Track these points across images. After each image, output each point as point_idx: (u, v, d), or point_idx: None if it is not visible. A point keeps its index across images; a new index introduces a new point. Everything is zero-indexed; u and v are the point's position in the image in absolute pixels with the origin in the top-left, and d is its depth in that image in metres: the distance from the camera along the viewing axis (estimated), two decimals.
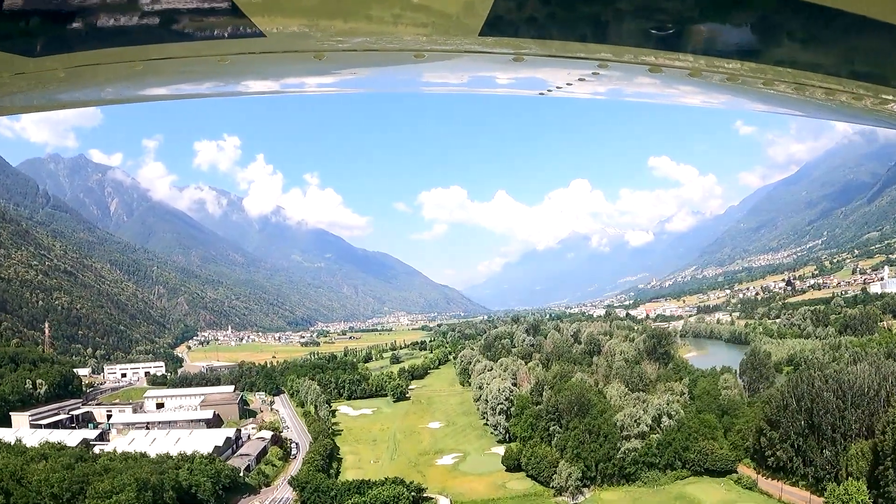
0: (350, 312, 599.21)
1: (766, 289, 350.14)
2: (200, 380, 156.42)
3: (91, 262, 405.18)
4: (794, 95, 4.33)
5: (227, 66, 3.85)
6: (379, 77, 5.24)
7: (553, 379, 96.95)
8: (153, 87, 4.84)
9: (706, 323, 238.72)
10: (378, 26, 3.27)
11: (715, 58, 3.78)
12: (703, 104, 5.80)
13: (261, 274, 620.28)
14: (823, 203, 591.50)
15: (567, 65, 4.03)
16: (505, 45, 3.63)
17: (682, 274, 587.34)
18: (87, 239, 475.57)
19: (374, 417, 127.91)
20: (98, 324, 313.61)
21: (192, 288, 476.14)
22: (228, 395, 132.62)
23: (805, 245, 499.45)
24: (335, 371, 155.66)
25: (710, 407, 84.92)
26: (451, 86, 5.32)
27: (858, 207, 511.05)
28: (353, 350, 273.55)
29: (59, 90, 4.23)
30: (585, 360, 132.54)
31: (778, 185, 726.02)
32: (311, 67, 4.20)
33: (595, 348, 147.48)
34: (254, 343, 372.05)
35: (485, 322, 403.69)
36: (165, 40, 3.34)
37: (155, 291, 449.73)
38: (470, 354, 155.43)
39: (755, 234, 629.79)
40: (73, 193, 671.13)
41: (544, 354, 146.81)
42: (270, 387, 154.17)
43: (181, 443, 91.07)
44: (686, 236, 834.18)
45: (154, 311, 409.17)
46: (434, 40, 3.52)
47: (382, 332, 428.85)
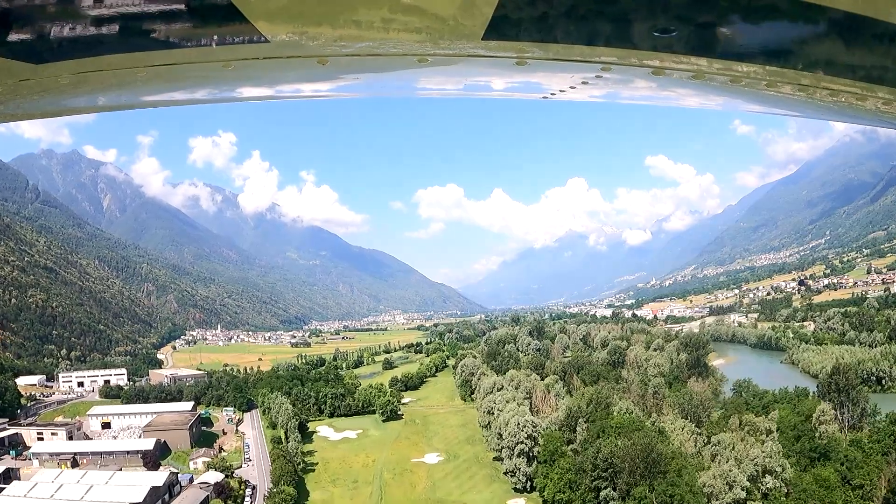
0: (345, 311, 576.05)
1: (777, 288, 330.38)
2: (160, 392, 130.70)
3: (76, 259, 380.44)
4: (797, 96, 4.27)
5: (231, 71, 3.76)
6: (382, 82, 5.14)
7: (588, 408, 72.00)
8: (157, 93, 4.75)
9: (725, 325, 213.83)
10: (381, 31, 3.18)
11: (717, 60, 3.71)
12: (705, 106, 5.65)
13: (254, 271, 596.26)
14: (824, 202, 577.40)
15: (570, 68, 3.94)
16: (508, 49, 3.52)
17: (681, 273, 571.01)
18: (76, 235, 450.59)
19: (359, 443, 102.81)
20: (75, 323, 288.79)
21: (183, 285, 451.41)
22: (184, 414, 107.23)
23: (808, 244, 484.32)
24: (316, 383, 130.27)
25: (811, 453, 60.19)
26: (453, 90, 5.22)
27: (861, 207, 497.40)
28: (343, 353, 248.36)
29: (63, 97, 4.16)
30: (612, 375, 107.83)
31: (777, 185, 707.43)
32: (315, 72, 4.07)
33: (618, 358, 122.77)
34: (242, 343, 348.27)
35: (483, 322, 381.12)
36: (169, 47, 3.25)
37: (144, 289, 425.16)
38: (472, 364, 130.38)
39: (755, 233, 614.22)
40: (65, 189, 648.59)
41: (559, 364, 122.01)
42: (241, 401, 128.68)
43: (94, 493, 66.00)
44: (684, 235, 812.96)
45: (140, 310, 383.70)
46: (437, 44, 3.42)
47: (377, 331, 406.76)
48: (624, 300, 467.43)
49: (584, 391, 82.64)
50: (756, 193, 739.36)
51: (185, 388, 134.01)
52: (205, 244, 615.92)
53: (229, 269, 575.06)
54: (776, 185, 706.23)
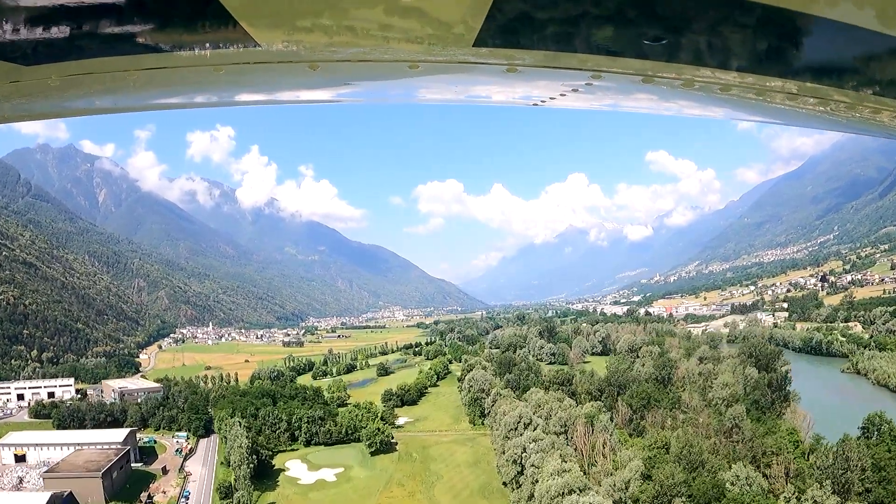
0: (344, 307, 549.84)
1: (796, 285, 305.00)
2: (99, 413, 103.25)
3: (63, 254, 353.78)
4: (788, 106, 4.21)
5: (222, 75, 3.67)
6: (373, 88, 5.08)
7: (681, 475, 44.48)
8: (147, 97, 4.65)
9: (760, 326, 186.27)
10: (372, 37, 3.12)
11: (707, 69, 3.61)
12: (697, 115, 5.61)
13: (251, 267, 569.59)
14: (830, 198, 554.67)
15: (560, 76, 3.86)
16: (498, 56, 3.45)
17: (685, 269, 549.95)
18: (66, 229, 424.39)
19: (337, 489, 75.56)
20: (49, 322, 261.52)
21: (175, 281, 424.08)
22: (107, 452, 79.66)
23: (815, 240, 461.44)
24: (291, 402, 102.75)
25: None
26: (444, 97, 5.18)
27: (870, 202, 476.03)
28: (335, 355, 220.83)
29: (52, 99, 4.06)
30: (666, 397, 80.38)
31: (781, 180, 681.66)
32: (306, 78, 3.99)
33: (667, 373, 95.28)
34: (232, 342, 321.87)
35: (485, 319, 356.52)
36: (160, 50, 3.16)
37: (134, 285, 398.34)
38: (482, 378, 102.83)
39: (759, 229, 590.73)
40: (60, 184, 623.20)
41: (589, 378, 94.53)
42: (199, 424, 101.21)
43: None
44: (685, 231, 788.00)
45: (128, 306, 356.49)
46: (428, 51, 3.33)
47: (375, 329, 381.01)
48: (628, 296, 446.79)
49: (657, 436, 55.61)
50: (759, 189, 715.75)
51: (133, 408, 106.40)
52: (201, 239, 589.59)
53: (226, 264, 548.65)
54: (780, 181, 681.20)
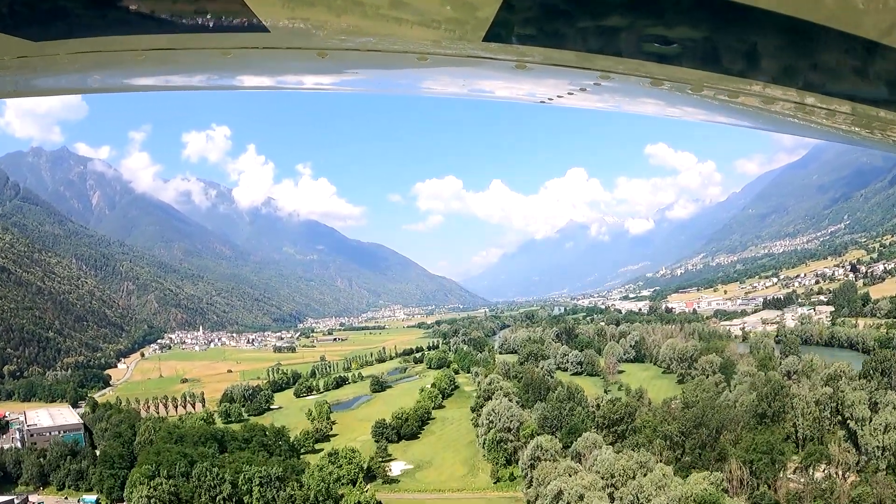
0: (343, 307, 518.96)
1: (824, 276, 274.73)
2: None
3: (45, 257, 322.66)
4: (798, 116, 4.15)
5: (230, 59, 3.61)
6: (380, 78, 5.04)
7: None
8: (155, 76, 4.60)
9: (816, 325, 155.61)
10: (383, 27, 3.06)
11: (717, 74, 3.52)
12: (704, 120, 5.51)
13: (248, 267, 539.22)
14: (837, 187, 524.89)
15: (569, 74, 3.78)
16: (508, 52, 3.39)
17: (690, 262, 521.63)
18: (54, 232, 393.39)
19: None
20: (15, 330, 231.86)
21: (167, 284, 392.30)
22: None
23: (826, 230, 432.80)
24: (242, 451, 71.56)
25: None
26: (452, 90, 5.15)
27: (879, 190, 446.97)
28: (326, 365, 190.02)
29: (60, 75, 4.00)
30: (762, 426, 49.45)
31: (784, 170, 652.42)
32: (314, 65, 3.93)
33: (779, 405, 64.21)
34: (222, 348, 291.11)
35: (489, 318, 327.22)
36: (169, 31, 3.11)
37: (123, 288, 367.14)
38: (506, 412, 71.96)
39: (764, 220, 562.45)
40: (53, 187, 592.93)
41: (670, 422, 63.54)
42: (112, 484, 70.05)
43: None
44: (688, 224, 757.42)
45: (112, 311, 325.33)
46: (438, 43, 3.29)
47: (374, 329, 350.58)
48: (636, 291, 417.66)
49: None
50: (762, 180, 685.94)
51: (30, 459, 75.05)
52: (197, 240, 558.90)
53: (222, 265, 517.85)
54: (783, 171, 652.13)
